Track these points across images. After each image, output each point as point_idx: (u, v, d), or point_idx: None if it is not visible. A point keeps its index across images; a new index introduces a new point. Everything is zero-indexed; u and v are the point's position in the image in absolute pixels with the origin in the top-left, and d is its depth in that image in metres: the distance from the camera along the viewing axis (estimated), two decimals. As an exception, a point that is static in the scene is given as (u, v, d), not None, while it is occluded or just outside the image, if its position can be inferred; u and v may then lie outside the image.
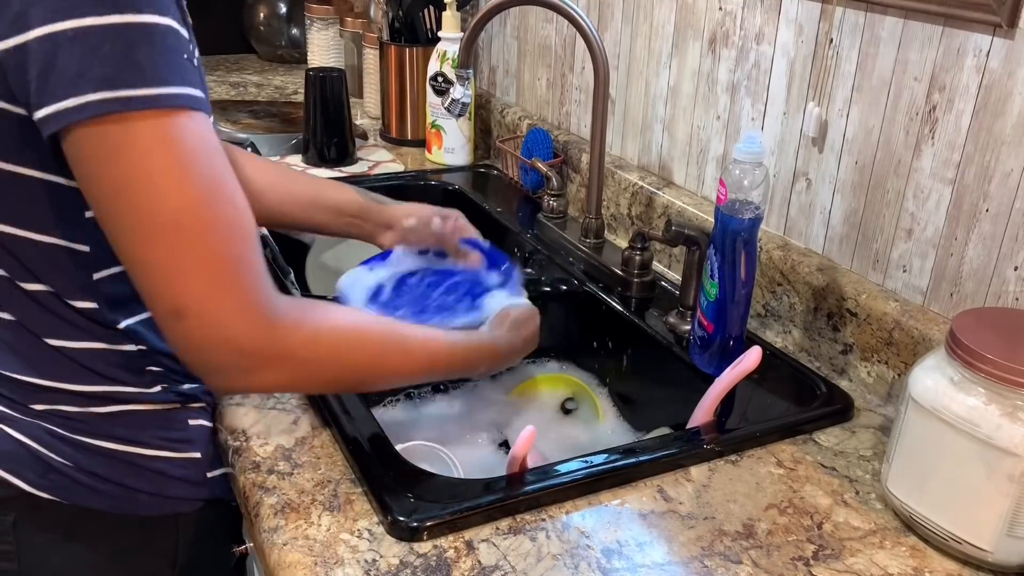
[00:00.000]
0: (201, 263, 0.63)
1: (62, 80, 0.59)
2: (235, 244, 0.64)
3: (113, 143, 0.61)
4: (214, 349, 0.65)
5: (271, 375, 0.68)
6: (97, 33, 0.59)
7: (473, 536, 0.72)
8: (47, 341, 0.75)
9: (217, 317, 0.64)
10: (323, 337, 0.71)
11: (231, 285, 0.64)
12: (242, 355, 0.66)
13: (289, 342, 0.68)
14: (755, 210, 0.89)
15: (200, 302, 0.63)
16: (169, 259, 0.62)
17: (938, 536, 0.73)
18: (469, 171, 1.62)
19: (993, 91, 0.82)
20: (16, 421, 0.77)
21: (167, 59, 0.62)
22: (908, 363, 0.89)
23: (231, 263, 0.64)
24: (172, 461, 0.82)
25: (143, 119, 0.60)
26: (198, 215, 0.62)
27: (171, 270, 0.62)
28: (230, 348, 0.65)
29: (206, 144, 0.64)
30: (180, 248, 0.62)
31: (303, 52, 2.19)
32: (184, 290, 0.63)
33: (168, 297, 0.63)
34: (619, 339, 1.12)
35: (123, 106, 0.60)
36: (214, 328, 0.64)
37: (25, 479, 0.76)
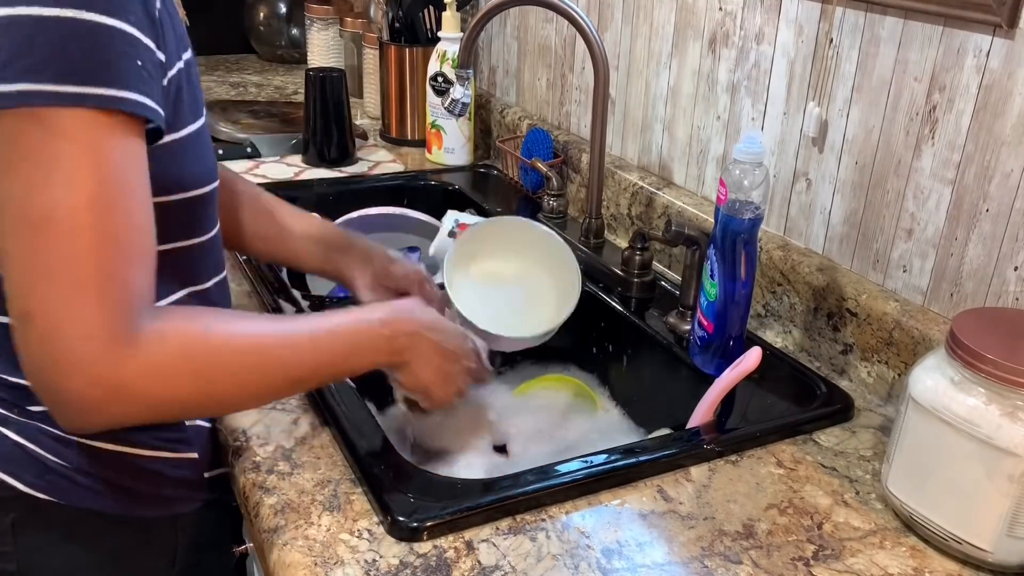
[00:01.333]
0: (62, 267, 0.58)
1: None
2: (111, 257, 0.59)
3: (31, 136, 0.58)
4: (58, 365, 0.59)
5: (120, 408, 0.62)
6: (37, 23, 0.57)
7: (473, 536, 0.72)
8: None
9: (63, 329, 0.58)
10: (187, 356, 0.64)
11: (89, 297, 0.58)
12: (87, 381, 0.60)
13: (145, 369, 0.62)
14: (755, 210, 0.89)
15: (48, 308, 0.58)
16: (29, 257, 0.58)
17: (938, 536, 0.73)
18: (469, 171, 1.62)
19: (993, 91, 0.82)
20: (13, 422, 0.77)
21: (107, 59, 0.59)
22: (908, 363, 0.89)
23: (98, 275, 0.59)
24: (170, 461, 0.82)
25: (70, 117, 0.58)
26: (77, 217, 0.58)
27: (28, 268, 0.58)
28: (76, 367, 0.59)
29: (126, 153, 0.61)
30: (43, 247, 0.58)
31: (303, 52, 2.19)
32: (36, 293, 0.58)
33: (20, 297, 0.59)
34: (619, 339, 1.12)
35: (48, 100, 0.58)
36: (58, 339, 0.58)
37: (23, 480, 0.76)
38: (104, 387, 0.60)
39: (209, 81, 2.09)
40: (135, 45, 0.62)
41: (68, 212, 0.58)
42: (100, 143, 0.59)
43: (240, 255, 1.14)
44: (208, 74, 2.16)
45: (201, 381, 0.66)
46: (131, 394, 0.62)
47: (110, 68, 0.59)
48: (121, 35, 0.60)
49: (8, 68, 0.58)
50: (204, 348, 0.66)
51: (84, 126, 0.59)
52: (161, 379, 0.63)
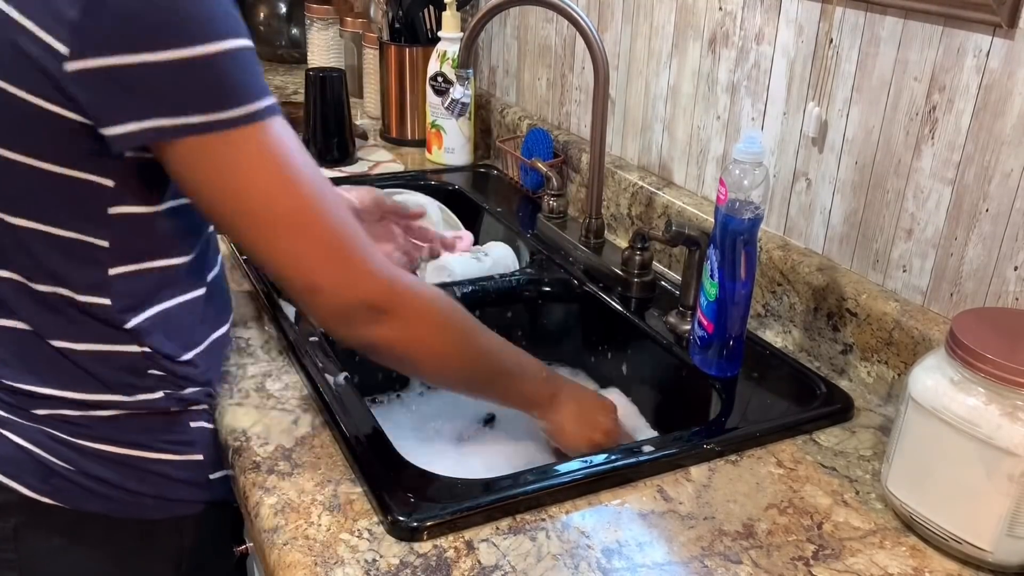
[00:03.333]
0: (322, 246, 0.71)
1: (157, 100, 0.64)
2: (344, 222, 0.72)
3: (222, 158, 0.67)
4: (349, 311, 0.73)
5: (389, 329, 0.75)
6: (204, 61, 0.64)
7: (473, 536, 0.72)
8: (51, 343, 0.75)
9: (350, 286, 0.72)
10: (436, 300, 0.79)
11: (354, 256, 0.72)
12: (371, 310, 0.74)
13: (408, 297, 0.76)
14: (755, 210, 0.89)
15: (331, 276, 0.72)
16: (296, 248, 0.70)
17: (938, 536, 0.73)
18: (469, 171, 1.62)
19: (993, 91, 0.82)
20: (17, 426, 0.77)
21: (252, 76, 0.68)
22: (908, 363, 0.89)
23: (349, 237, 0.72)
24: (174, 464, 0.82)
25: (246, 131, 0.67)
26: (311, 207, 0.70)
27: (300, 257, 0.71)
28: (363, 306, 0.73)
29: (294, 142, 0.71)
30: (304, 238, 0.70)
31: (303, 52, 2.19)
32: (315, 271, 0.71)
33: (302, 279, 0.72)
34: (619, 339, 1.12)
35: (225, 126, 0.66)
36: (347, 294, 0.72)
37: (26, 484, 0.76)
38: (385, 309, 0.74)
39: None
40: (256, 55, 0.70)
41: (305, 203, 0.70)
42: (278, 141, 0.69)
43: None
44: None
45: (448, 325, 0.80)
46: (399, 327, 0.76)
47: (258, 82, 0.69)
48: (252, 52, 0.69)
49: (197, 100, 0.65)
50: (457, 311, 0.82)
51: (263, 133, 0.68)
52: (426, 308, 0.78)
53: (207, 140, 0.66)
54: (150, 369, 0.79)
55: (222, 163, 0.67)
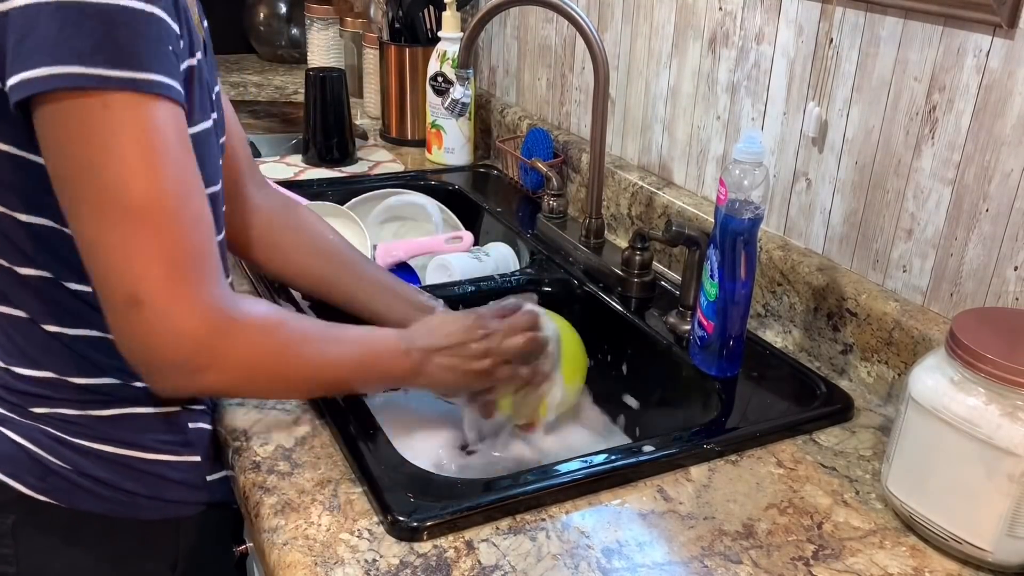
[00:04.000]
0: (163, 252, 0.62)
1: (39, 48, 0.59)
2: (199, 237, 0.65)
3: (86, 119, 0.60)
4: (166, 342, 0.64)
5: (220, 374, 0.68)
6: (81, 8, 0.59)
7: (473, 536, 0.72)
8: (44, 328, 0.75)
9: (174, 308, 0.63)
10: (271, 334, 0.72)
11: (190, 277, 0.64)
12: (194, 351, 0.65)
13: (240, 340, 0.68)
14: (755, 210, 0.89)
15: (158, 291, 0.63)
16: (132, 244, 0.62)
17: (938, 536, 0.73)
18: (469, 171, 1.62)
19: (993, 91, 0.82)
20: (15, 424, 0.76)
21: (150, 46, 0.61)
22: (908, 363, 0.89)
23: (192, 255, 0.64)
24: (172, 464, 0.82)
25: (120, 100, 0.60)
26: (167, 203, 0.62)
27: (134, 255, 0.62)
28: (182, 342, 0.64)
29: (179, 135, 0.64)
30: (145, 234, 0.62)
31: (303, 52, 2.19)
32: (143, 278, 0.62)
33: (126, 283, 0.63)
34: (619, 339, 1.12)
35: (100, 83, 0.60)
36: (169, 319, 0.63)
37: (24, 482, 0.76)
38: (203, 360, 0.66)
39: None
40: (166, 30, 0.63)
41: (162, 200, 0.62)
42: (161, 127, 0.62)
43: None
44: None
45: (274, 365, 0.73)
46: (223, 369, 0.68)
47: (153, 54, 0.62)
48: (159, 22, 0.62)
49: (60, 49, 0.59)
50: (286, 332, 0.73)
51: (142, 111, 0.61)
52: (246, 359, 0.70)
53: (80, 96, 0.60)
54: None
55: (87, 124, 0.60)
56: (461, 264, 1.22)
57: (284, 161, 1.59)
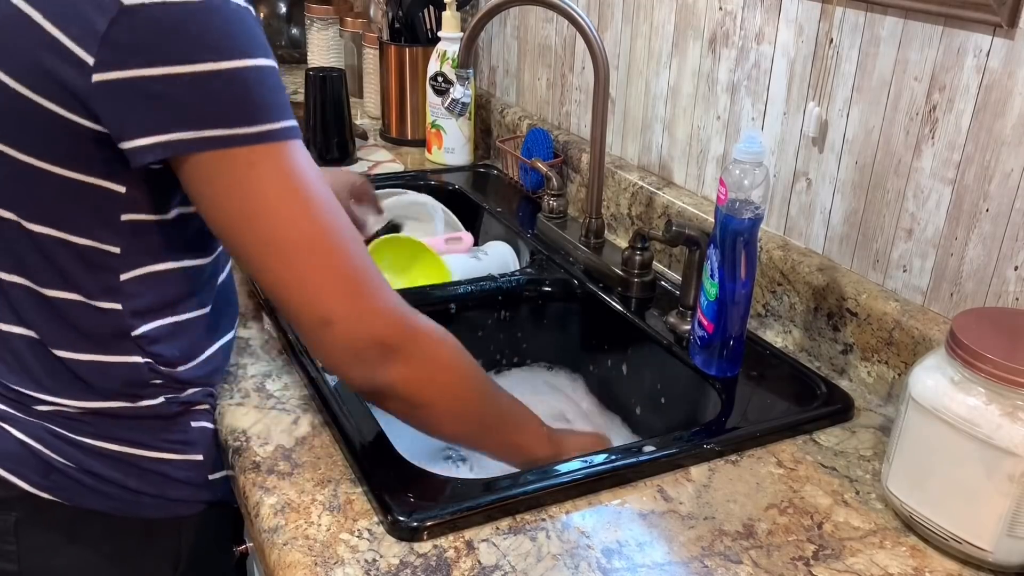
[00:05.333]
0: (338, 277, 0.69)
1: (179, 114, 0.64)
2: (359, 255, 0.71)
3: (236, 175, 0.66)
4: (359, 349, 0.71)
5: (404, 368, 0.73)
6: (227, 75, 0.64)
7: (473, 536, 0.72)
8: (55, 352, 0.75)
9: (362, 321, 0.70)
10: (447, 341, 0.77)
11: (368, 290, 0.71)
12: (383, 349, 0.71)
13: (421, 337, 0.74)
14: (755, 210, 0.89)
15: (344, 309, 0.69)
16: (310, 277, 0.68)
17: (938, 536, 0.73)
18: (469, 171, 1.62)
19: (993, 91, 0.82)
20: (19, 422, 0.77)
21: (278, 96, 0.68)
22: (908, 363, 0.89)
23: (361, 271, 0.70)
24: (174, 463, 0.82)
25: (261, 152, 0.66)
26: (328, 235, 0.69)
27: (313, 286, 0.68)
28: (374, 344, 0.71)
29: (313, 168, 0.70)
30: (318, 266, 0.68)
31: (303, 52, 2.19)
32: (328, 302, 0.69)
33: (314, 310, 0.69)
34: (619, 339, 1.12)
35: (247, 141, 0.65)
36: (360, 331, 0.70)
37: (27, 480, 0.76)
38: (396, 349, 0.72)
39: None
40: (279, 76, 0.70)
41: (322, 231, 0.68)
42: (300, 166, 0.68)
43: None
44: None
45: (456, 372, 0.78)
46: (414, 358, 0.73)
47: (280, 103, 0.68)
48: (276, 72, 0.69)
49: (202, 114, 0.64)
50: (465, 353, 0.78)
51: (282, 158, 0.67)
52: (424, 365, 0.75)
53: (225, 155, 0.65)
54: (152, 380, 0.79)
55: (239, 180, 0.66)
56: (460, 264, 1.22)
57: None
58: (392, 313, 0.72)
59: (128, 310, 0.76)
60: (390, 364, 0.72)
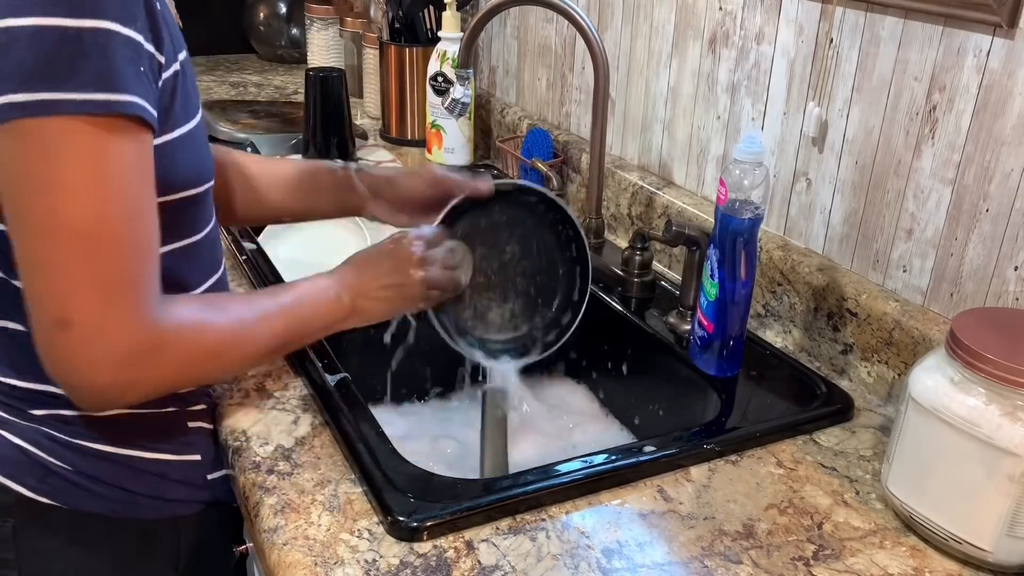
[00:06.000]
0: (103, 276, 0.63)
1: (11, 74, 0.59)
2: (137, 262, 0.65)
3: (47, 142, 0.60)
4: (91, 364, 0.65)
5: (141, 392, 0.70)
6: (42, 33, 0.59)
7: (473, 536, 0.72)
8: None
9: (102, 332, 0.64)
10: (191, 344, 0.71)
11: (124, 303, 0.64)
12: (117, 374, 0.66)
13: (163, 360, 0.68)
14: (755, 210, 0.89)
15: (89, 315, 0.63)
16: (72, 266, 0.62)
17: (938, 536, 0.73)
18: (469, 171, 1.62)
19: (993, 91, 0.82)
20: (15, 426, 0.76)
21: (111, 65, 0.61)
22: (908, 363, 0.89)
23: (129, 281, 0.65)
24: (172, 464, 0.82)
25: (80, 122, 0.60)
26: (112, 229, 0.63)
27: (69, 278, 0.62)
28: (108, 365, 0.65)
29: (139, 159, 0.64)
30: (86, 258, 0.62)
31: (303, 52, 2.19)
32: (77, 301, 0.63)
33: (57, 305, 0.63)
34: (619, 339, 1.12)
35: (59, 109, 0.60)
36: (97, 343, 0.64)
37: (25, 484, 0.76)
38: (130, 377, 0.67)
39: (209, 81, 2.09)
40: (137, 50, 0.63)
41: (108, 225, 0.62)
42: (111, 149, 0.62)
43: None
44: (208, 74, 2.16)
45: (203, 366, 0.74)
46: (152, 382, 0.70)
47: (113, 73, 0.61)
48: (129, 43, 0.62)
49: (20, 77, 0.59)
50: (207, 340, 0.73)
51: (100, 134, 0.61)
52: (176, 368, 0.71)
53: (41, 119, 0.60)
54: None
55: (45, 146, 0.60)
56: None
57: (284, 161, 1.59)
58: (140, 328, 0.65)
59: None
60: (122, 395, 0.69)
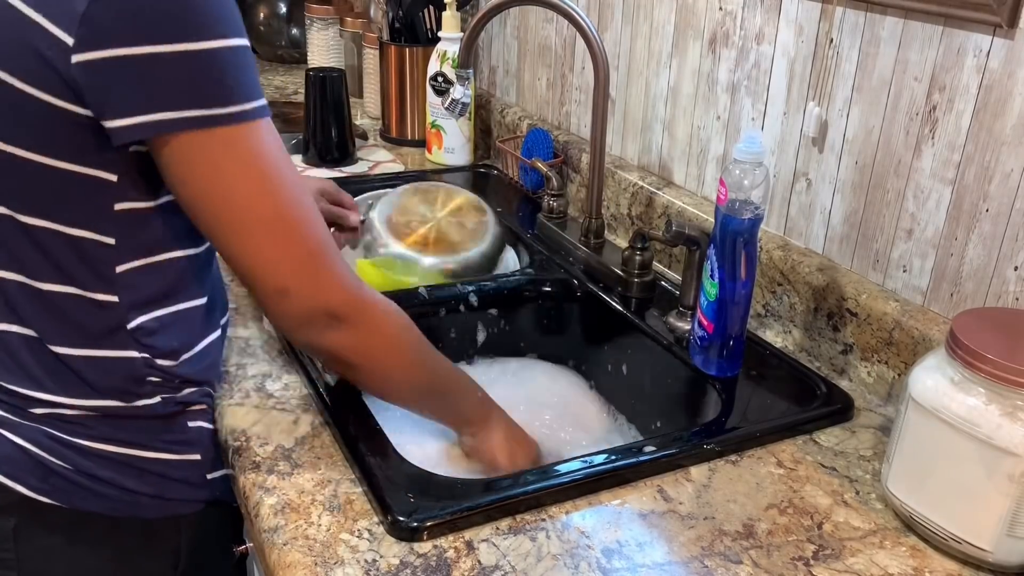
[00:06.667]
0: (297, 251, 0.73)
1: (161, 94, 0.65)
2: (319, 230, 0.75)
3: (216, 156, 0.68)
4: (312, 315, 0.75)
5: (348, 335, 0.77)
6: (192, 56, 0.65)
7: (473, 536, 0.72)
8: (51, 348, 0.75)
9: (316, 291, 0.74)
10: (393, 315, 0.81)
11: (324, 263, 0.75)
12: (332, 317, 0.76)
13: (368, 309, 0.79)
14: (755, 210, 0.89)
15: (301, 282, 0.74)
16: (274, 249, 0.72)
17: (938, 536, 0.73)
18: (469, 171, 1.62)
19: (993, 91, 0.82)
20: (15, 425, 0.77)
21: (251, 76, 0.69)
22: (908, 363, 0.89)
23: (320, 244, 0.74)
24: (172, 463, 0.82)
25: (238, 132, 0.68)
26: (292, 212, 0.72)
27: (277, 258, 0.72)
28: (325, 313, 0.75)
29: (280, 146, 0.73)
30: (281, 240, 0.72)
31: (303, 52, 2.19)
32: (287, 274, 0.73)
33: (275, 280, 0.73)
34: (619, 339, 1.12)
35: (223, 122, 0.67)
36: (314, 300, 0.75)
37: (25, 484, 0.76)
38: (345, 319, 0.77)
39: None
40: (251, 56, 0.71)
41: (286, 208, 0.72)
42: (269, 146, 0.71)
43: None
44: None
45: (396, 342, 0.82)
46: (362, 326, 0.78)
47: (252, 83, 0.70)
48: (249, 52, 0.70)
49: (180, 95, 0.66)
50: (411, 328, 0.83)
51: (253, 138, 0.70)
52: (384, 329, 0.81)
53: (202, 135, 0.67)
54: (148, 376, 0.79)
55: (212, 159, 0.68)
56: None
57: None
58: (344, 287, 0.76)
59: (125, 302, 0.76)
60: (335, 331, 0.76)
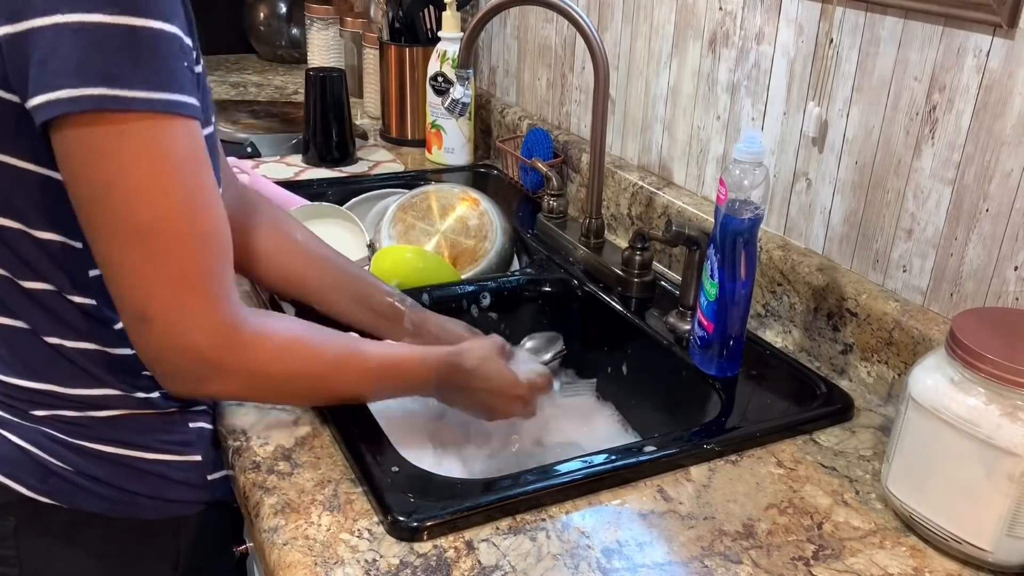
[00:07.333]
0: (172, 272, 0.65)
1: (62, 69, 0.60)
2: (207, 256, 0.67)
3: (105, 142, 0.62)
4: (174, 355, 0.68)
5: (226, 385, 0.72)
6: (103, 30, 0.60)
7: (473, 536, 0.72)
8: (45, 339, 0.75)
9: (181, 325, 0.66)
10: (281, 353, 0.74)
11: (198, 296, 0.66)
12: (200, 364, 0.68)
13: (247, 356, 0.71)
14: (755, 210, 0.89)
15: (166, 310, 0.66)
16: (143, 265, 0.64)
17: (938, 536, 0.73)
18: (469, 171, 1.62)
19: (993, 91, 0.82)
20: (16, 426, 0.76)
21: (168, 65, 0.63)
22: (908, 363, 0.89)
23: (201, 274, 0.66)
24: (173, 464, 0.82)
25: (138, 121, 0.62)
26: (177, 225, 0.64)
27: (143, 276, 0.65)
28: (190, 356, 0.68)
29: (195, 154, 0.66)
30: (154, 256, 0.64)
31: (303, 52, 2.19)
32: (152, 297, 0.65)
33: (136, 301, 0.66)
34: (619, 339, 1.12)
35: (121, 105, 0.61)
36: (176, 336, 0.67)
37: (26, 484, 0.76)
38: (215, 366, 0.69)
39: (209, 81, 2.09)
40: (183, 48, 0.64)
41: (169, 221, 0.64)
42: (175, 147, 0.64)
43: None
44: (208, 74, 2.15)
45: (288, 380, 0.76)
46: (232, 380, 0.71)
47: (171, 73, 0.63)
48: (177, 41, 0.64)
49: (84, 70, 0.60)
50: (299, 354, 0.75)
51: (158, 132, 0.63)
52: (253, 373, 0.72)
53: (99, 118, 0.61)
54: (144, 370, 0.78)
55: (103, 146, 0.61)
56: None
57: (284, 161, 1.59)
58: (215, 325, 0.67)
59: (103, 305, 0.75)
60: (211, 382, 0.70)
